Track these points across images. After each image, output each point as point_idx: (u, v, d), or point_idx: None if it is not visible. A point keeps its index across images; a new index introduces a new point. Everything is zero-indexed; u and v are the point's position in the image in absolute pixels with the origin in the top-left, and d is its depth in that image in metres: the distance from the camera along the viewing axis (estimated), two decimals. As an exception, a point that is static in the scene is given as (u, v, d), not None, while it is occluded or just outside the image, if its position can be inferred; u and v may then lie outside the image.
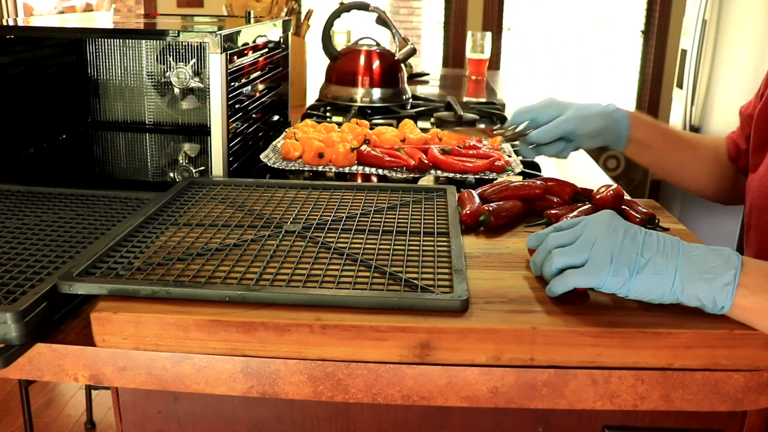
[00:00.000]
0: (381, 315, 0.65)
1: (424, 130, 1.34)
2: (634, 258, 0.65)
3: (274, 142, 1.23)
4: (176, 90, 1.32)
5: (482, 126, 1.05)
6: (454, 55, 4.38)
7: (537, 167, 1.26)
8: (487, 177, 1.12)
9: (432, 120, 1.66)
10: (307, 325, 0.63)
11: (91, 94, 1.40)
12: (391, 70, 1.77)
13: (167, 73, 1.32)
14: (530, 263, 0.75)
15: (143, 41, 1.35)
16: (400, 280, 0.70)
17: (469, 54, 2.61)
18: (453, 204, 0.94)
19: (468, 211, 0.90)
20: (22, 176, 1.12)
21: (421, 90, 2.30)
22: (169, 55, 1.29)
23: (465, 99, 2.13)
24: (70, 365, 0.66)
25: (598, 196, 0.93)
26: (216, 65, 1.01)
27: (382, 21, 1.75)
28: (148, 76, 1.38)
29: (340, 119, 1.62)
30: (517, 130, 1.01)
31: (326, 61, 1.82)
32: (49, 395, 2.35)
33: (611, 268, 0.64)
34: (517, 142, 1.03)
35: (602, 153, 3.80)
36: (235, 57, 1.11)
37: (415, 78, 2.56)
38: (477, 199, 0.93)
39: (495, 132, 1.04)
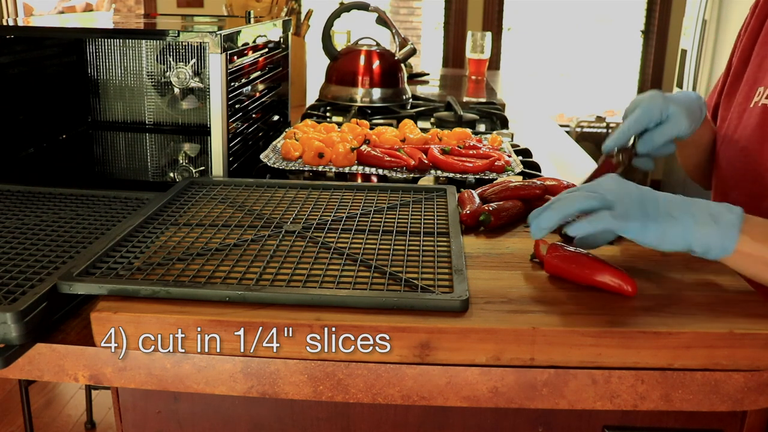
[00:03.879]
0: (381, 315, 0.65)
1: (424, 130, 1.34)
2: (654, 205, 0.69)
3: (274, 142, 1.23)
4: (176, 90, 1.32)
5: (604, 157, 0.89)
6: (454, 55, 4.38)
7: (537, 167, 1.26)
8: (487, 177, 1.12)
9: (432, 120, 1.66)
10: (307, 325, 0.63)
11: (91, 94, 1.40)
12: (391, 70, 1.77)
13: (167, 73, 1.32)
14: (532, 229, 0.72)
15: (143, 41, 1.35)
16: (400, 280, 0.70)
17: (469, 54, 2.61)
18: (453, 204, 0.94)
19: (468, 211, 0.90)
20: (22, 176, 1.12)
21: (421, 90, 2.30)
22: (169, 55, 1.29)
23: (465, 99, 2.13)
24: (70, 365, 0.66)
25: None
26: (216, 65, 1.01)
27: (382, 21, 1.75)
28: (148, 76, 1.38)
29: (340, 119, 1.62)
30: (632, 147, 0.89)
31: (326, 61, 1.82)
32: (49, 395, 2.35)
33: (638, 213, 0.68)
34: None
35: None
36: (235, 57, 1.11)
37: (415, 78, 2.56)
38: (477, 199, 0.93)
39: (613, 160, 0.89)
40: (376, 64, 1.75)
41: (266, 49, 1.35)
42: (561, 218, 0.71)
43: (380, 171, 1.13)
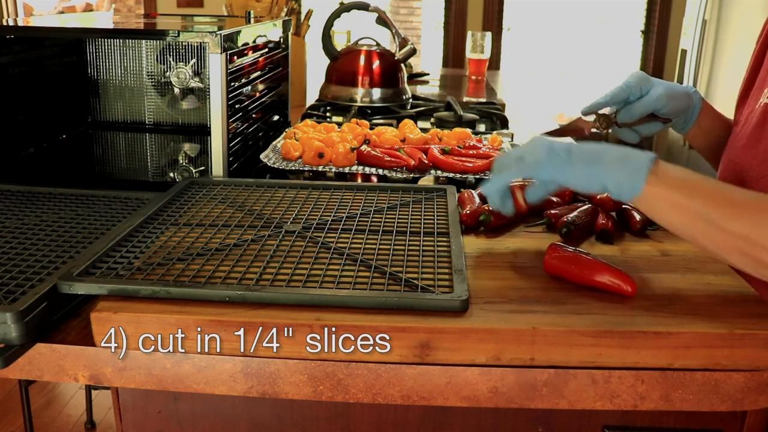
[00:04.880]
0: (381, 315, 0.65)
1: (424, 130, 1.34)
2: (565, 151, 0.73)
3: (274, 142, 1.23)
4: (176, 90, 1.32)
5: (584, 118, 0.97)
6: (454, 55, 4.38)
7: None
8: (487, 177, 1.12)
9: (432, 120, 1.66)
10: (307, 325, 0.63)
11: (91, 94, 1.40)
12: (391, 70, 1.77)
13: (167, 73, 1.32)
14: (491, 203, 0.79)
15: (143, 41, 1.35)
16: (400, 280, 0.70)
17: (469, 54, 2.61)
18: (453, 204, 0.94)
19: (468, 211, 0.90)
20: (22, 176, 1.12)
21: (421, 90, 2.30)
22: (169, 55, 1.29)
23: (465, 99, 2.13)
24: (70, 365, 0.66)
25: (597, 197, 0.93)
26: (216, 65, 1.01)
27: (382, 21, 1.75)
28: (148, 76, 1.38)
29: (340, 119, 1.61)
30: (611, 114, 0.97)
31: (326, 61, 1.82)
32: (49, 395, 2.35)
33: (547, 158, 0.73)
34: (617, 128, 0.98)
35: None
36: (235, 57, 1.11)
37: (415, 78, 2.56)
38: (477, 199, 0.93)
39: (594, 123, 0.98)
40: (376, 64, 1.75)
41: (266, 49, 1.35)
42: (500, 189, 0.77)
43: (380, 171, 1.13)
